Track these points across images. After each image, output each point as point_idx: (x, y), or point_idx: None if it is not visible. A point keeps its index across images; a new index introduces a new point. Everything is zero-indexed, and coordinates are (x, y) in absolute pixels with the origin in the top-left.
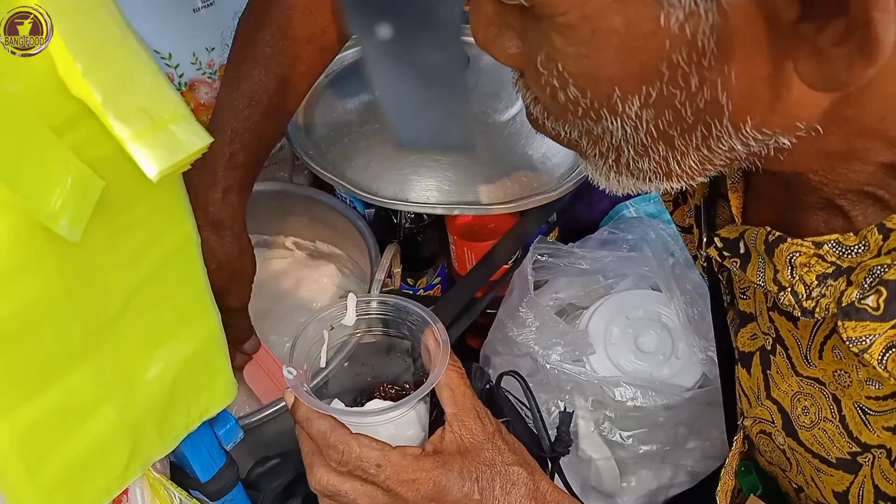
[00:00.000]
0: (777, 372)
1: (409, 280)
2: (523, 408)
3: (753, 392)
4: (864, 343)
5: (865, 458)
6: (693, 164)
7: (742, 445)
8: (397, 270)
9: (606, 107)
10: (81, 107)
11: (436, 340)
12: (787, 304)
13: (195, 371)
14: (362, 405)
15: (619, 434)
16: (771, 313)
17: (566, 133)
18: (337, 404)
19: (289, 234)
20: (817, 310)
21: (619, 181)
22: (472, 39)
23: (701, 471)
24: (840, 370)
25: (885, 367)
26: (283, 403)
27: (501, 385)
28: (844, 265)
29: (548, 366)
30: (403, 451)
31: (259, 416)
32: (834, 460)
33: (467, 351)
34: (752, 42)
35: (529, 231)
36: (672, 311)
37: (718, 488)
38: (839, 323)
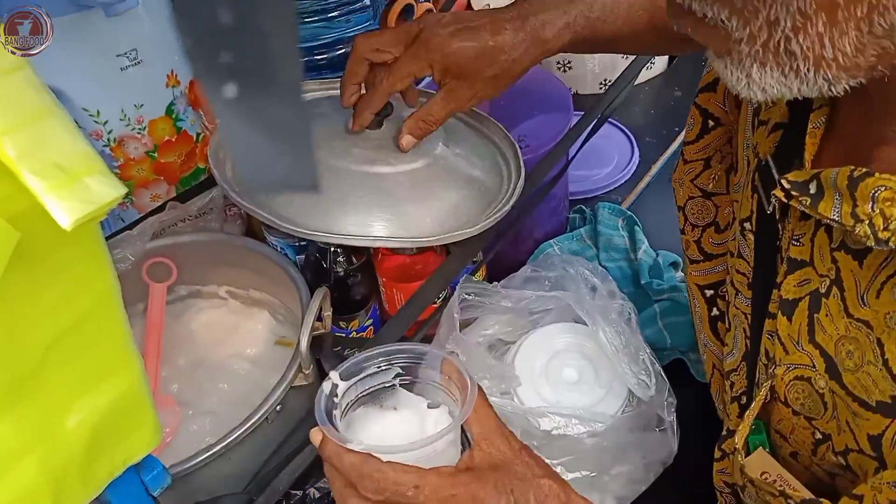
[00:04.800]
0: (826, 315)
1: (340, 323)
2: None
3: (792, 339)
4: None
5: None
6: (847, 50)
7: (763, 396)
8: (328, 314)
9: None
10: None
11: (458, 372)
12: (863, 234)
13: (118, 418)
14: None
15: (547, 462)
16: (835, 253)
17: (714, 13)
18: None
19: (222, 283)
20: (892, 239)
21: (761, 75)
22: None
23: (627, 495)
24: (892, 312)
25: None
26: (215, 450)
27: None
28: None
29: None
30: (438, 470)
31: (191, 463)
32: (874, 403)
33: None
34: None
35: (456, 270)
36: (593, 342)
37: (739, 429)
38: None
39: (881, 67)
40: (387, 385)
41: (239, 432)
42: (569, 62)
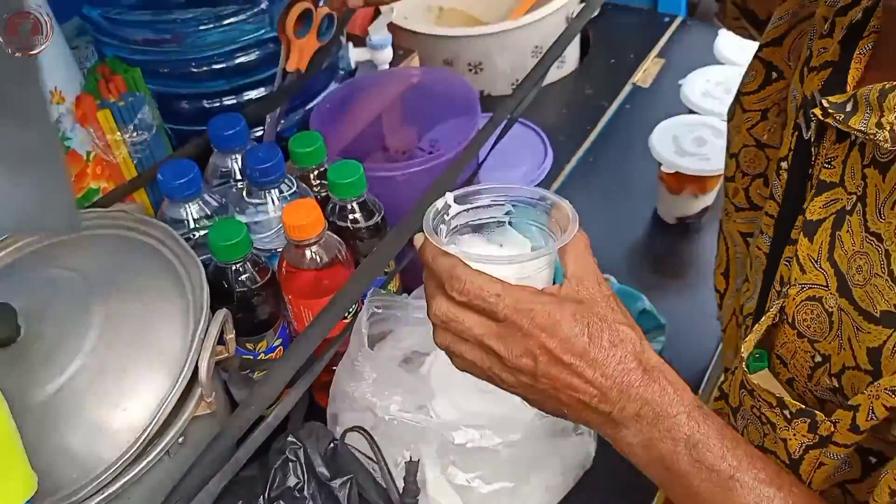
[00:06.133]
0: (847, 231)
1: (248, 345)
2: (371, 462)
3: (812, 258)
4: None
5: None
6: None
7: (774, 316)
8: (230, 336)
9: None
10: None
11: (566, 214)
12: (883, 140)
13: None
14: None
15: (465, 477)
16: (865, 170)
17: None
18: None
19: None
20: None
21: None
22: None
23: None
24: None
25: None
26: (112, 490)
27: (346, 442)
28: None
29: (386, 417)
30: (522, 286)
31: None
32: (878, 314)
33: (317, 411)
34: None
35: (366, 283)
36: None
37: (745, 342)
38: None
39: None
40: (497, 220)
41: (137, 468)
42: (479, 64)
